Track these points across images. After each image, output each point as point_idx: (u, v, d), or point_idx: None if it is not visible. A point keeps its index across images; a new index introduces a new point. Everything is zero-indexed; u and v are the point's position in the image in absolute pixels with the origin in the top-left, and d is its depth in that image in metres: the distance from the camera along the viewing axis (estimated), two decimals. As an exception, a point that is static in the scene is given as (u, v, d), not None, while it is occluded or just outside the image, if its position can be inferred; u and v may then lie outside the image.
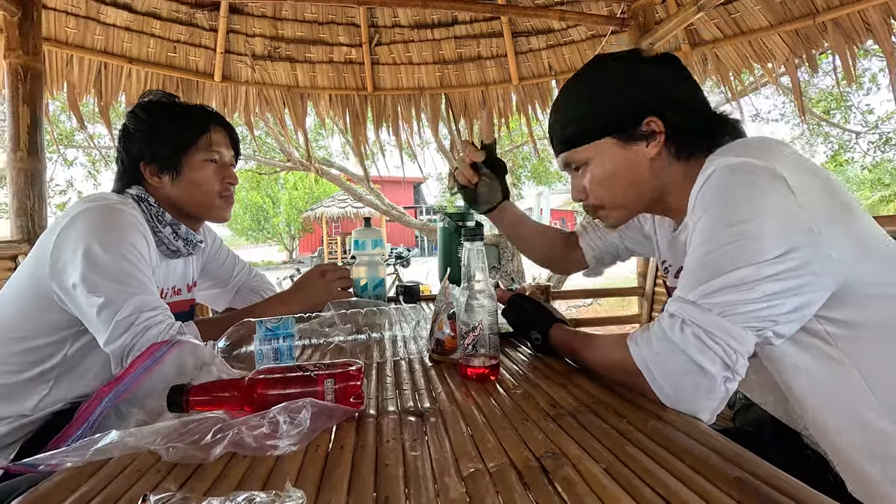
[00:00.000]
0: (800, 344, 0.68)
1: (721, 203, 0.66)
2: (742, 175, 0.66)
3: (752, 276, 0.61)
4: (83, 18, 2.50)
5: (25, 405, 0.98)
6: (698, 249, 0.67)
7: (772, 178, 0.64)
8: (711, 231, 0.66)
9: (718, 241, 0.65)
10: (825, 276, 0.63)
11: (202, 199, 1.14)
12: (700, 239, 0.67)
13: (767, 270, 0.61)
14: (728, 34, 2.68)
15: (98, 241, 0.94)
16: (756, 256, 0.62)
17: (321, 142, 9.16)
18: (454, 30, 3.10)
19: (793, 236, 0.62)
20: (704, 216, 0.67)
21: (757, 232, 0.62)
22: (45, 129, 2.08)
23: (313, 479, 0.49)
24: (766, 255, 0.62)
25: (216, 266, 1.40)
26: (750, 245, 0.62)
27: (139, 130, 1.10)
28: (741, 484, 0.45)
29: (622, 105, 0.80)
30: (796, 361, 0.69)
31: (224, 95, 3.03)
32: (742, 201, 0.64)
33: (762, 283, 0.61)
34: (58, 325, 0.99)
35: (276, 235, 20.36)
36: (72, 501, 0.47)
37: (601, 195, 0.86)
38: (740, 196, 0.65)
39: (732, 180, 0.66)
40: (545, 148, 9.74)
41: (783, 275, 0.62)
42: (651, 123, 0.79)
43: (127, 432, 0.58)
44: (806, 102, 6.94)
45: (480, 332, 0.79)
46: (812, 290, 0.63)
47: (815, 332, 0.67)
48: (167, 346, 0.78)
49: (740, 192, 0.65)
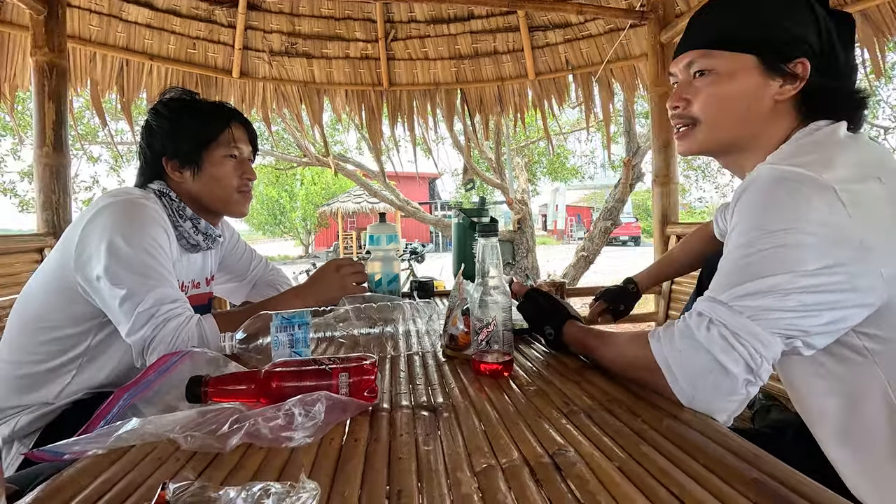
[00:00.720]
0: (829, 351, 0.66)
1: (762, 210, 0.64)
2: (786, 184, 0.63)
3: (788, 284, 0.60)
4: (106, 16, 2.55)
5: (49, 394, 1.01)
6: (734, 252, 0.65)
7: (818, 188, 0.61)
8: (750, 236, 0.64)
9: (757, 246, 0.63)
10: (869, 293, 0.61)
11: (221, 194, 1.16)
12: (737, 242, 0.65)
13: (804, 281, 0.59)
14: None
15: (121, 234, 0.96)
16: (794, 265, 0.60)
17: (337, 137, 9.21)
18: (470, 24, 3.08)
19: (838, 250, 0.60)
20: (743, 222, 0.65)
21: (798, 241, 0.60)
22: (69, 125, 2.13)
23: (327, 472, 0.50)
24: (805, 265, 0.60)
25: (234, 260, 1.42)
26: (789, 253, 0.60)
27: (161, 127, 1.12)
28: (758, 485, 0.44)
29: (782, 32, 0.74)
30: (823, 366, 0.67)
31: (242, 91, 3.07)
32: (785, 210, 0.62)
33: (798, 293, 0.60)
34: (82, 316, 1.02)
35: (293, 230, 20.58)
36: (95, 487, 0.48)
37: (709, 110, 0.78)
38: (784, 204, 0.62)
39: (776, 188, 0.64)
40: (561, 143, 9.66)
41: (822, 287, 0.60)
42: (799, 65, 0.73)
43: (146, 420, 0.59)
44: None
45: (494, 329, 0.79)
46: (852, 305, 0.61)
47: (850, 345, 0.65)
48: (178, 357, 0.79)
49: (784, 201, 0.62)
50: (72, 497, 0.46)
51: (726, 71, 0.76)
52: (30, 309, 1.04)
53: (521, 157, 7.13)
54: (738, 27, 0.76)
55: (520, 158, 6.97)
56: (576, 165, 11.74)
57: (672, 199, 2.56)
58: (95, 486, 0.48)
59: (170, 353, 0.81)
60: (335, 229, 18.99)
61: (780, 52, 0.73)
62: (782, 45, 0.73)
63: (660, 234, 2.58)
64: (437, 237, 19.84)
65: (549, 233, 26.13)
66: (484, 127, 3.34)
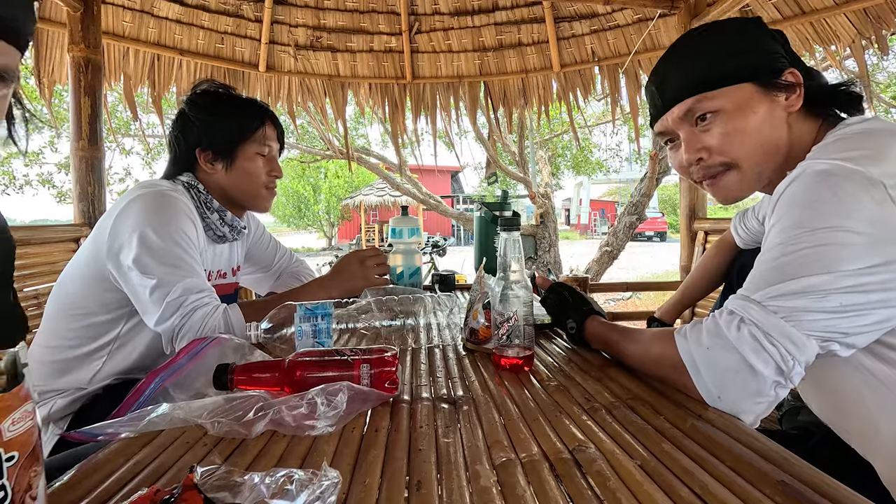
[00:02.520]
0: (868, 349, 0.63)
1: (804, 207, 0.61)
2: (831, 180, 0.60)
3: (827, 284, 0.57)
4: (138, 12, 2.62)
5: (82, 378, 1.05)
6: (773, 250, 0.62)
7: (866, 183, 0.58)
8: (790, 234, 0.61)
9: (796, 245, 0.60)
10: None
11: (250, 189, 1.19)
12: (776, 241, 0.62)
13: (847, 282, 0.57)
14: (788, 15, 2.51)
15: (151, 226, 0.99)
16: (836, 265, 0.57)
17: (361, 130, 9.27)
18: (495, 16, 3.05)
19: (887, 248, 0.57)
20: (785, 218, 0.62)
21: (842, 240, 0.57)
22: (104, 119, 2.20)
23: (348, 460, 0.51)
24: (848, 265, 0.57)
25: (259, 252, 1.45)
26: (831, 252, 0.58)
27: (199, 118, 1.15)
28: (785, 488, 0.43)
29: (761, 52, 0.74)
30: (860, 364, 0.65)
31: (268, 85, 3.11)
32: (829, 207, 0.59)
33: (839, 293, 0.57)
34: (113, 304, 1.06)
35: (316, 223, 20.85)
36: (128, 468, 0.50)
37: (736, 150, 0.74)
38: (828, 201, 0.59)
39: (820, 185, 0.61)
40: (586, 136, 9.50)
41: (866, 287, 0.57)
42: (790, 75, 0.73)
43: (176, 405, 0.61)
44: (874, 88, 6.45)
45: (515, 323, 0.79)
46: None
47: (891, 344, 0.62)
48: (207, 342, 0.81)
49: (828, 197, 0.59)
50: (107, 476, 0.48)
51: (734, 105, 0.73)
52: (64, 296, 1.08)
53: (544, 151, 7.04)
54: (720, 62, 0.74)
55: (543, 152, 6.89)
56: (600, 159, 11.54)
57: (700, 193, 2.50)
58: (129, 466, 0.50)
59: (199, 339, 0.83)
60: (358, 222, 19.16)
61: (769, 68, 0.73)
62: (768, 62, 0.73)
63: (687, 229, 2.52)
64: (459, 231, 19.83)
65: (571, 227, 25.82)
66: (507, 120, 3.30)
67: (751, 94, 0.73)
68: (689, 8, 2.43)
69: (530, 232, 5.34)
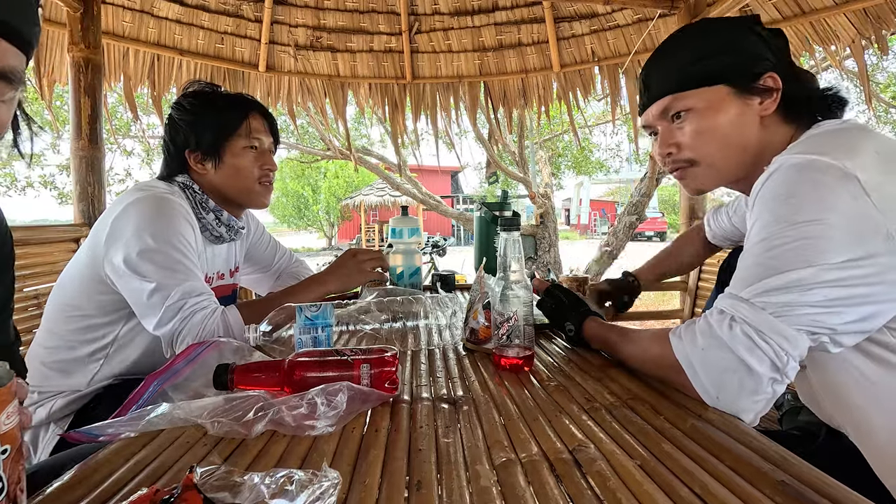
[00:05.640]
0: (859, 348, 0.64)
1: (784, 202, 0.62)
2: (808, 173, 0.61)
3: (812, 278, 0.58)
4: (138, 12, 2.61)
5: (81, 380, 1.05)
6: (756, 247, 0.63)
7: (842, 177, 0.59)
8: (771, 229, 0.62)
9: (779, 240, 0.61)
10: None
11: (242, 185, 1.18)
12: (759, 237, 0.63)
13: (830, 275, 0.57)
14: (788, 15, 2.51)
15: (148, 230, 0.99)
16: (818, 258, 0.58)
17: (361, 130, 9.27)
18: (494, 16, 3.04)
19: (866, 242, 0.58)
20: (765, 214, 0.63)
21: (822, 233, 0.58)
22: (104, 119, 2.20)
23: (349, 460, 0.51)
24: (830, 258, 0.58)
25: (259, 252, 1.45)
26: (813, 246, 0.58)
27: (183, 120, 1.15)
28: (785, 488, 0.43)
29: (742, 54, 0.75)
30: (851, 363, 0.65)
31: (268, 85, 3.10)
32: (808, 201, 0.60)
33: (822, 287, 0.58)
34: (111, 306, 1.05)
35: (316, 223, 20.85)
36: (128, 468, 0.50)
37: (700, 148, 0.78)
38: (806, 195, 0.60)
39: (798, 179, 0.62)
40: (586, 136, 9.49)
41: (849, 281, 0.58)
42: (769, 79, 0.73)
43: (176, 405, 0.61)
44: (873, 88, 6.45)
45: (515, 323, 0.79)
46: (884, 300, 0.59)
47: (882, 342, 0.62)
48: (206, 346, 0.81)
49: (806, 191, 0.60)
50: (107, 476, 0.48)
51: (704, 105, 0.76)
52: (63, 297, 1.08)
53: (544, 151, 7.04)
54: (698, 62, 0.76)
55: (543, 152, 6.89)
56: (600, 159, 11.54)
57: (700, 193, 2.50)
58: (128, 466, 0.50)
59: (197, 343, 0.83)
60: (358, 222, 19.15)
61: (747, 72, 0.74)
62: (746, 66, 0.74)
63: (687, 229, 2.52)
64: (459, 231, 19.82)
65: (571, 227, 25.80)
66: (507, 120, 3.30)
67: (723, 95, 0.75)
68: (689, 8, 2.43)
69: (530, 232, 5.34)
